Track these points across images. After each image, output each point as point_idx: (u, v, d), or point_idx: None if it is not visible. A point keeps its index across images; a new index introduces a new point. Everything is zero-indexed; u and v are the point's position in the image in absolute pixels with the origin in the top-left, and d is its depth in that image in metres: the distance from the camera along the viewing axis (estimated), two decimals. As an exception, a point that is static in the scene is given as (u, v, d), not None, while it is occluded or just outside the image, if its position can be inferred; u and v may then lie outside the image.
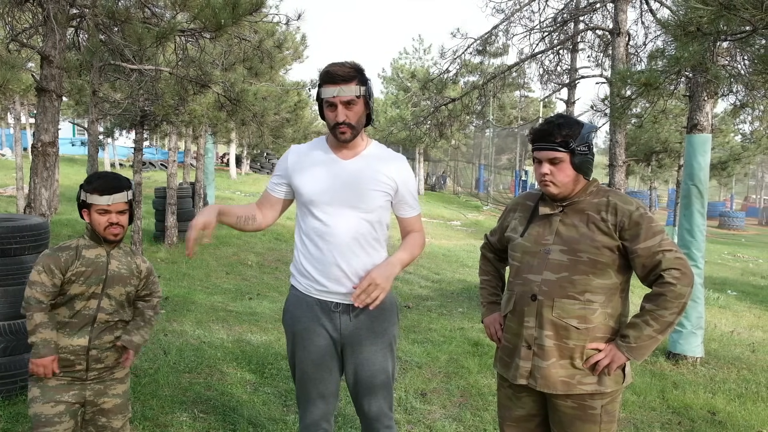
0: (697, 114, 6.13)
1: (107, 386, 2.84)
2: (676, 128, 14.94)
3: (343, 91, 2.48)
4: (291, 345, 2.72)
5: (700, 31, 3.49)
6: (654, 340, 2.33)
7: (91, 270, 2.74)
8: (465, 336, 6.71)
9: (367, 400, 2.68)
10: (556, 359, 2.40)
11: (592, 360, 2.38)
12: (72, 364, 2.73)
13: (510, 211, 2.72)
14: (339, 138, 2.56)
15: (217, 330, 6.44)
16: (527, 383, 2.47)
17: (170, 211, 11.87)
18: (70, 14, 5.16)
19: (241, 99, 7.62)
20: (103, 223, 2.74)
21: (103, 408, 2.82)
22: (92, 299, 2.75)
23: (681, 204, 6.28)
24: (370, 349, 2.64)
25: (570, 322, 2.38)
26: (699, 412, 4.79)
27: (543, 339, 2.42)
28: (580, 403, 2.42)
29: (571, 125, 2.40)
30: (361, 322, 2.63)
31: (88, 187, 2.74)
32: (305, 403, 2.70)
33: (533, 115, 37.39)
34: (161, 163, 31.64)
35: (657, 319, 2.30)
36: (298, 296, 2.69)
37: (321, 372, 2.65)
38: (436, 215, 24.01)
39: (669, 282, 2.29)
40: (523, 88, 30.65)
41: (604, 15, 11.10)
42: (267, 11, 7.66)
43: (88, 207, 2.75)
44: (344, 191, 2.58)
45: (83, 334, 2.73)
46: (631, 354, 2.34)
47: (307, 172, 2.63)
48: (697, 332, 6.08)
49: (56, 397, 2.70)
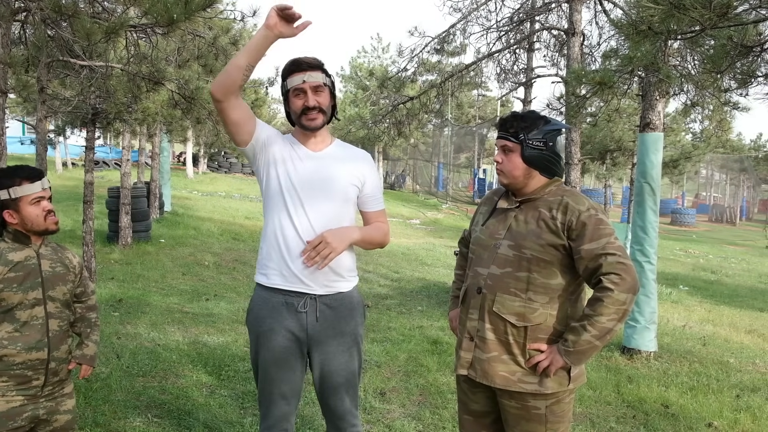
0: (650, 113, 6.24)
1: (58, 402, 2.62)
2: (630, 127, 15.25)
3: (311, 76, 2.51)
4: (254, 345, 2.68)
5: (651, 30, 3.55)
6: (592, 346, 2.27)
7: (22, 275, 2.48)
8: (424, 334, 6.71)
9: (333, 399, 2.68)
10: (498, 353, 2.41)
11: (533, 360, 2.37)
12: (29, 380, 2.49)
13: (480, 205, 2.75)
14: (309, 125, 2.56)
15: (172, 332, 6.31)
16: (467, 374, 2.49)
17: (124, 211, 11.60)
18: (14, 8, 4.99)
19: (195, 97, 7.48)
20: (41, 213, 2.50)
21: (55, 427, 2.62)
22: (36, 306, 2.51)
23: (634, 201, 6.40)
24: (337, 348, 2.64)
25: (508, 318, 2.38)
26: (653, 405, 4.88)
27: (484, 332, 2.43)
28: (523, 404, 2.42)
29: (531, 119, 2.42)
30: (328, 321, 2.61)
31: (8, 182, 2.48)
32: (267, 403, 2.66)
33: (491, 114, 37.78)
34: (115, 162, 30.96)
35: (594, 324, 2.25)
36: (264, 296, 2.63)
37: (283, 372, 2.62)
38: (395, 214, 24.04)
39: (607, 287, 2.24)
40: (480, 87, 30.96)
41: (559, 15, 11.24)
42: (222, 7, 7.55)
43: (13, 204, 2.48)
44: (315, 185, 2.58)
45: (41, 346, 2.49)
46: (569, 358, 2.30)
47: (277, 163, 2.59)
48: (651, 327, 6.20)
49: (9, 424, 2.44)
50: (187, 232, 14.27)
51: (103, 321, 6.51)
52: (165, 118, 9.87)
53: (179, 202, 18.92)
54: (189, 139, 27.97)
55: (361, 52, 34.66)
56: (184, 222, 15.49)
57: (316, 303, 2.59)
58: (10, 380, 2.47)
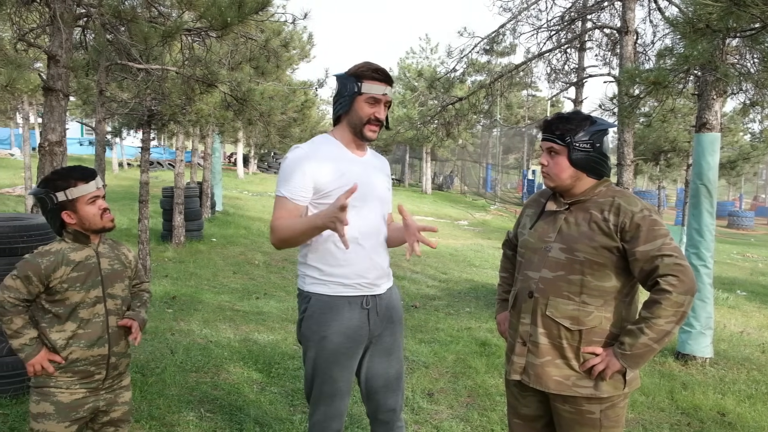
0: (706, 113, 6.08)
1: (117, 395, 2.72)
2: (685, 127, 14.86)
3: (389, 92, 2.62)
4: (315, 346, 2.64)
5: (709, 28, 3.46)
6: (650, 349, 2.24)
7: (84, 274, 2.56)
8: (472, 336, 6.68)
9: (384, 397, 2.72)
10: (551, 358, 2.38)
11: (588, 364, 2.34)
12: (91, 375, 2.58)
13: (526, 207, 2.73)
14: (369, 136, 2.62)
15: (224, 329, 6.44)
16: (521, 379, 2.47)
17: (177, 210, 11.89)
18: (76, 14, 5.16)
19: (247, 98, 7.62)
20: (98, 212, 2.56)
21: (113, 417, 2.71)
22: (97, 304, 2.59)
23: (690, 203, 6.23)
24: (390, 347, 2.73)
25: (562, 321, 2.35)
26: (708, 413, 4.75)
27: (537, 336, 2.40)
28: (578, 408, 2.38)
29: (577, 120, 2.38)
30: (385, 319, 2.70)
31: (64, 183, 2.54)
32: (323, 402, 2.67)
33: (540, 114, 37.33)
34: (169, 162, 31.71)
35: (652, 327, 2.22)
36: (325, 300, 2.60)
37: (342, 372, 2.64)
38: (443, 215, 23.98)
39: (665, 289, 2.20)
40: (530, 87, 30.61)
41: (611, 13, 11.06)
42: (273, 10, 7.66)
43: (70, 206, 2.55)
44: (371, 186, 2.64)
45: (102, 343, 2.58)
46: (626, 362, 2.27)
47: (330, 168, 2.57)
48: (707, 332, 6.04)
49: (72, 415, 2.55)
50: (237, 231, 14.53)
51: (157, 317, 6.68)
52: (217, 120, 10.07)
53: (230, 202, 19.27)
54: (240, 140, 28.48)
55: (409, 53, 34.65)
56: (234, 221, 15.77)
57: (376, 300, 2.66)
58: (74, 376, 2.56)
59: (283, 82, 13.58)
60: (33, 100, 16.09)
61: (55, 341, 2.53)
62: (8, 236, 4.02)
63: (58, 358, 2.53)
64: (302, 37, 20.14)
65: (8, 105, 14.89)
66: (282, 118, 12.93)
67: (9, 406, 4.02)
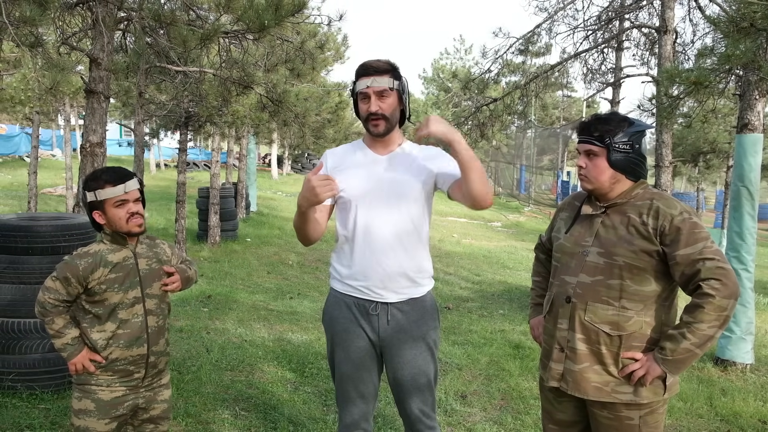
0: (748, 113, 5.95)
1: (156, 393, 2.74)
2: (725, 128, 14.55)
3: (376, 81, 2.50)
4: (330, 345, 2.73)
5: (753, 27, 3.38)
6: (692, 354, 2.20)
7: (122, 275, 2.58)
8: (506, 338, 6.64)
9: (408, 402, 2.67)
10: (589, 364, 2.34)
11: (628, 369, 2.30)
12: (131, 374, 2.63)
13: (559, 210, 2.68)
14: (372, 131, 2.56)
15: (258, 329, 6.50)
16: (559, 386, 2.43)
17: (213, 210, 12.05)
18: (117, 17, 5.27)
19: (283, 100, 7.68)
20: (124, 216, 2.55)
21: (152, 415, 2.74)
22: (136, 305, 2.62)
23: (730, 206, 6.10)
24: (410, 352, 2.62)
25: (602, 327, 2.31)
26: (749, 420, 4.64)
27: (575, 342, 2.36)
28: (616, 414, 2.34)
29: (615, 121, 2.34)
30: (400, 325, 2.60)
31: (94, 184, 2.56)
32: (345, 403, 2.70)
33: (576, 115, 36.89)
34: (204, 163, 32.16)
35: (694, 332, 2.18)
36: (337, 297, 2.68)
37: (360, 372, 2.65)
38: (476, 216, 23.86)
39: (707, 293, 2.16)
40: (565, 88, 30.26)
41: (650, 12, 10.89)
42: (309, 12, 7.72)
43: (101, 207, 2.57)
44: (384, 189, 2.57)
45: (141, 342, 2.62)
46: (667, 367, 2.23)
47: (348, 172, 2.62)
48: (747, 338, 5.90)
49: (112, 412, 2.59)
50: (271, 231, 14.66)
51: (193, 316, 6.78)
52: (253, 121, 10.18)
53: (264, 203, 19.46)
54: (274, 141, 28.69)
55: (443, 53, 34.66)
56: (269, 222, 15.92)
57: (387, 307, 2.59)
58: (114, 374, 2.61)
59: (317, 83, 13.68)
60: (74, 102, 16.45)
61: (95, 341, 2.57)
62: (51, 235, 4.12)
63: (99, 357, 2.58)
64: (337, 39, 20.26)
65: (51, 107, 15.23)
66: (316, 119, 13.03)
67: (51, 401, 4.12)
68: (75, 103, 16.86)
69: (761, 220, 27.44)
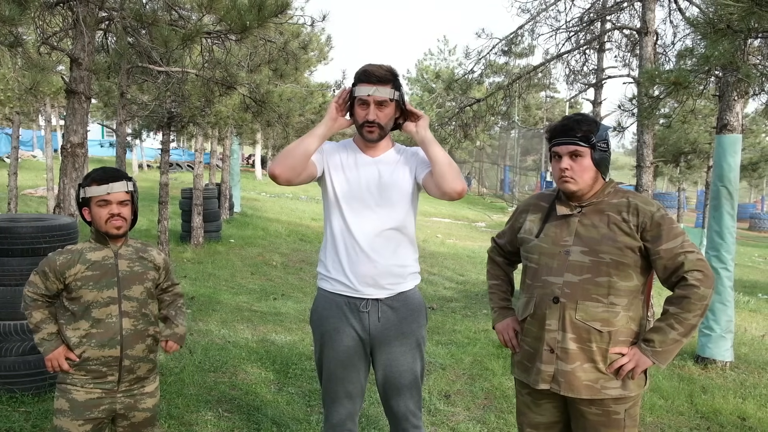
0: (727, 114, 6.02)
1: (137, 400, 2.68)
2: (706, 128, 14.73)
3: (378, 91, 2.54)
4: (319, 345, 2.73)
5: (730, 28, 3.43)
6: (678, 344, 2.31)
7: (99, 273, 2.58)
8: (489, 338, 6.66)
9: (395, 400, 2.70)
10: (580, 363, 2.37)
11: (616, 364, 2.35)
12: (104, 375, 2.59)
13: (521, 212, 2.67)
14: (366, 137, 2.61)
15: (241, 330, 6.48)
16: (550, 388, 2.44)
17: (196, 211, 11.99)
18: (98, 17, 5.23)
19: (266, 100, 7.66)
20: (104, 216, 2.57)
21: (133, 422, 2.69)
22: (111, 305, 2.59)
23: (710, 206, 6.18)
24: (399, 349, 2.66)
25: (593, 325, 2.35)
26: (728, 417, 4.70)
27: (566, 342, 2.38)
28: (605, 410, 2.38)
29: (590, 122, 2.41)
30: (390, 322, 2.64)
31: (86, 181, 2.60)
32: (332, 403, 2.71)
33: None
34: (188, 164, 31.95)
35: (681, 322, 2.28)
36: (327, 296, 2.69)
37: (348, 372, 2.66)
38: (460, 216, 23.93)
39: (692, 284, 2.27)
40: (548, 89, 30.45)
41: (631, 14, 10.96)
42: (292, 13, 7.69)
43: (88, 204, 2.60)
44: (372, 191, 2.62)
45: (113, 344, 2.57)
46: (657, 358, 2.31)
47: (337, 171, 2.67)
48: (727, 336, 5.98)
49: (86, 414, 2.57)
50: (255, 232, 14.61)
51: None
52: (236, 122, 10.14)
53: (248, 204, 19.37)
54: (258, 142, 28.64)
55: (427, 54, 34.76)
56: (252, 223, 15.86)
57: (378, 304, 2.63)
58: (87, 374, 2.59)
59: (301, 84, 13.65)
60: (55, 103, 16.30)
61: (69, 338, 2.58)
62: (31, 237, 4.09)
63: (73, 355, 2.58)
64: (321, 39, 20.21)
65: (31, 107, 15.07)
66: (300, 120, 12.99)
67: (31, 403, 4.08)
68: (56, 104, 16.71)
69: (741, 219, 27.79)
